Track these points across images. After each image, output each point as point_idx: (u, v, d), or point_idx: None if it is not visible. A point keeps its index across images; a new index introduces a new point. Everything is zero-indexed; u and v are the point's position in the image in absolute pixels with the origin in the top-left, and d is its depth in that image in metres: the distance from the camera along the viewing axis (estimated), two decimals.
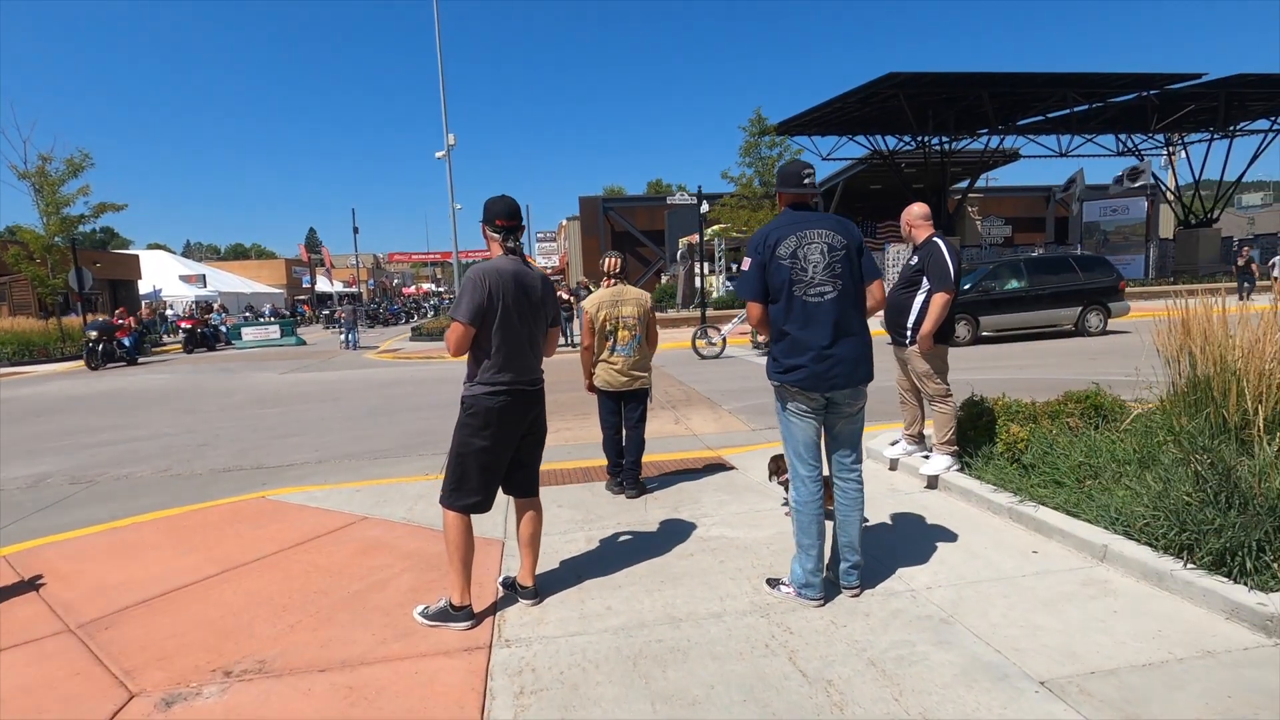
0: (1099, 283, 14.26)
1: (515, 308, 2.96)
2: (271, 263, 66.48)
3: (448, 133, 24.31)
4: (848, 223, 2.96)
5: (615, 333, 4.71)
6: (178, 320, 23.22)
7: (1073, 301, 14.06)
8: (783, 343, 2.89)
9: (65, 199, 21.77)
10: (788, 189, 2.99)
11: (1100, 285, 14.23)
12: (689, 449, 6.49)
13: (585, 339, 4.82)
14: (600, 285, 5.09)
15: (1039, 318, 13.94)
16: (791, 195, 2.99)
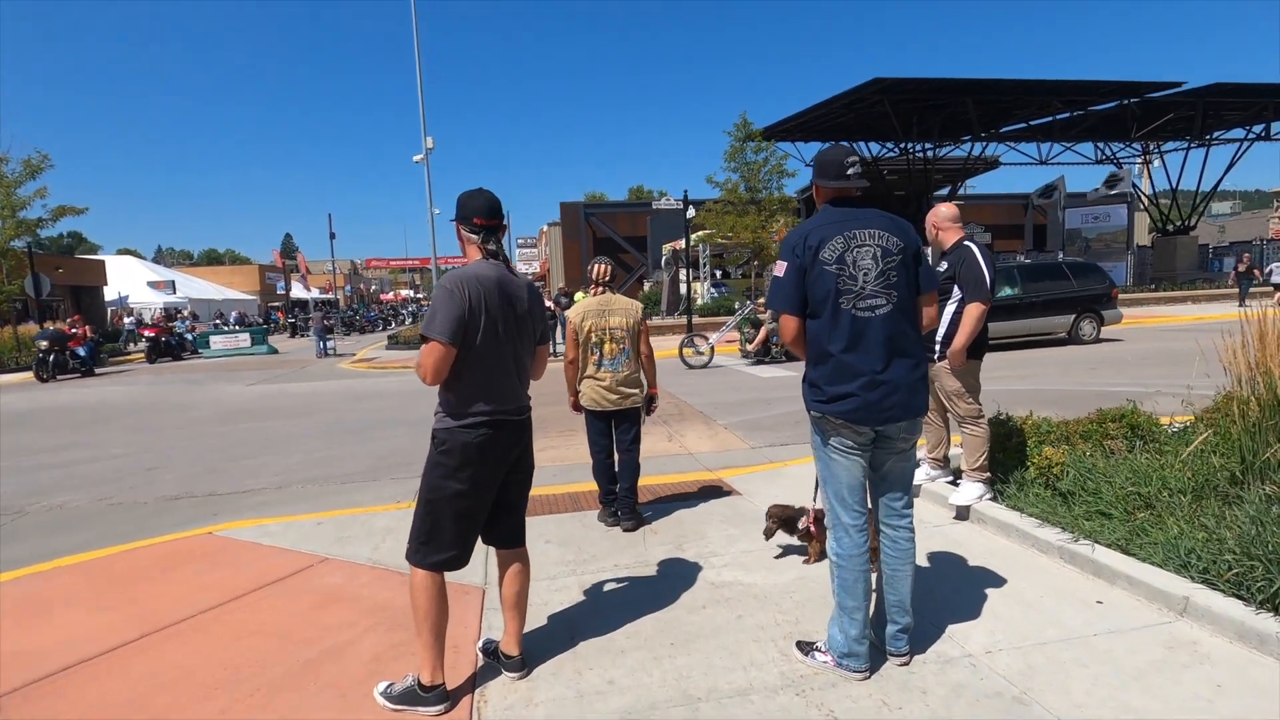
0: (1092, 290, 14.04)
1: (499, 322, 2.45)
2: (245, 268, 65.07)
3: (426, 136, 23.69)
4: (903, 222, 2.49)
5: (601, 345, 4.26)
6: (140, 329, 22.22)
7: (1066, 309, 13.81)
8: (825, 366, 2.40)
9: (21, 202, 20.80)
10: (828, 182, 2.50)
11: (1093, 292, 14.01)
12: (686, 470, 5.99)
13: (569, 351, 4.34)
14: (586, 293, 4.59)
15: (1033, 325, 13.67)
16: (832, 190, 2.50)
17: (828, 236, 2.36)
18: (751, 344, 13.47)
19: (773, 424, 7.65)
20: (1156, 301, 24.59)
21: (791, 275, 2.39)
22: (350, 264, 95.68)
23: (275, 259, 61.79)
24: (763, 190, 22.71)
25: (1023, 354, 12.84)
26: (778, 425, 7.56)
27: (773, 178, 22.75)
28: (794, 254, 2.39)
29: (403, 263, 74.00)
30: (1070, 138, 29.52)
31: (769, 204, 22.65)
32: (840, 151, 2.49)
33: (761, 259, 23.95)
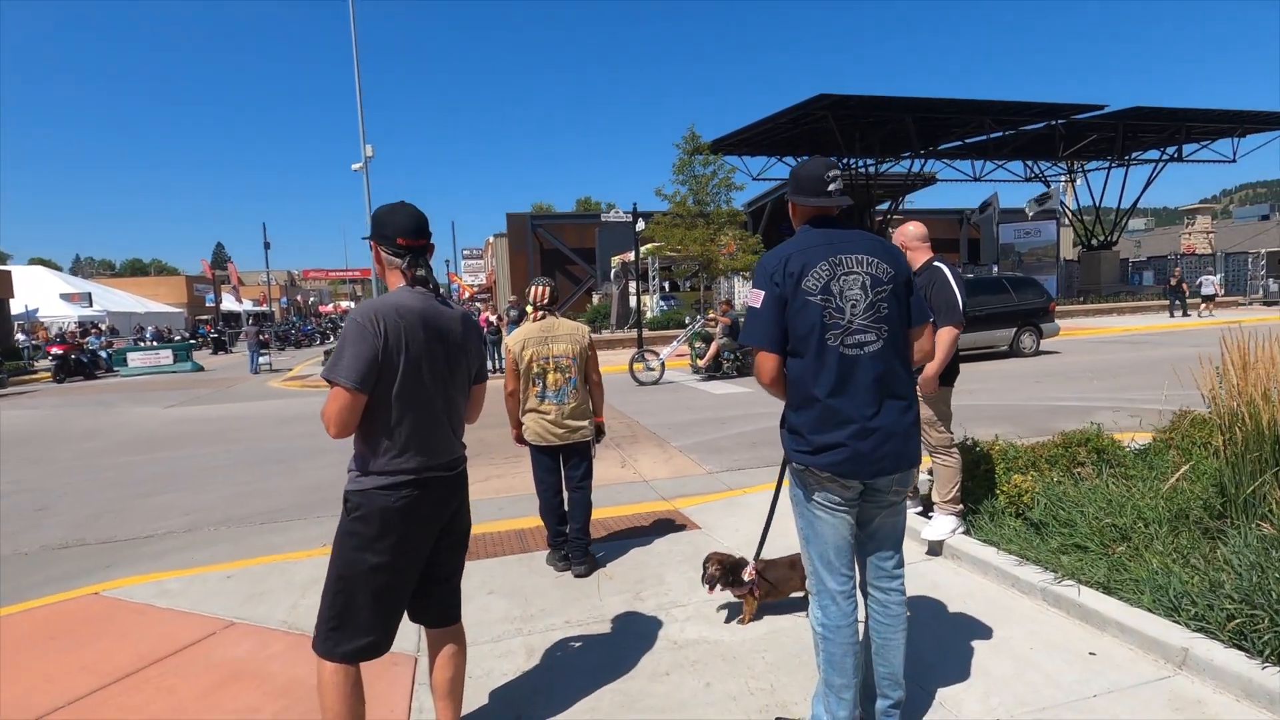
0: (1031, 303, 14.39)
1: (425, 362, 2.07)
2: (171, 280, 61.84)
3: (365, 143, 22.83)
4: (892, 246, 2.22)
5: (545, 376, 3.90)
6: (48, 346, 20.51)
7: (1007, 322, 14.11)
8: (810, 412, 2.09)
9: None
10: (806, 199, 2.21)
11: (1032, 306, 14.37)
12: (640, 500, 5.64)
13: (509, 382, 3.96)
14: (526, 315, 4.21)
15: (976, 339, 13.91)
16: (812, 209, 2.22)
17: (811, 262, 2.07)
18: (703, 359, 13.24)
19: (729, 445, 7.38)
20: (1085, 314, 25.65)
21: (770, 307, 2.08)
22: (287, 275, 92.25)
23: (204, 269, 58.79)
24: (711, 203, 22.69)
25: (967, 368, 13.01)
26: (734, 447, 7.30)
27: (720, 191, 22.77)
28: (772, 282, 2.09)
29: (343, 274, 71.64)
30: (1002, 156, 30.70)
31: (717, 217, 22.65)
32: (819, 165, 2.20)
33: (710, 272, 23.91)
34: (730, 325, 13.34)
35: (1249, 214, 63.76)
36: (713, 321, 13.86)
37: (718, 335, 13.27)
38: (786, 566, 3.32)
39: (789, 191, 2.26)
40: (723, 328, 13.32)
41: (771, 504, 2.93)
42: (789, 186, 2.27)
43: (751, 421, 8.62)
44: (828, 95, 22.44)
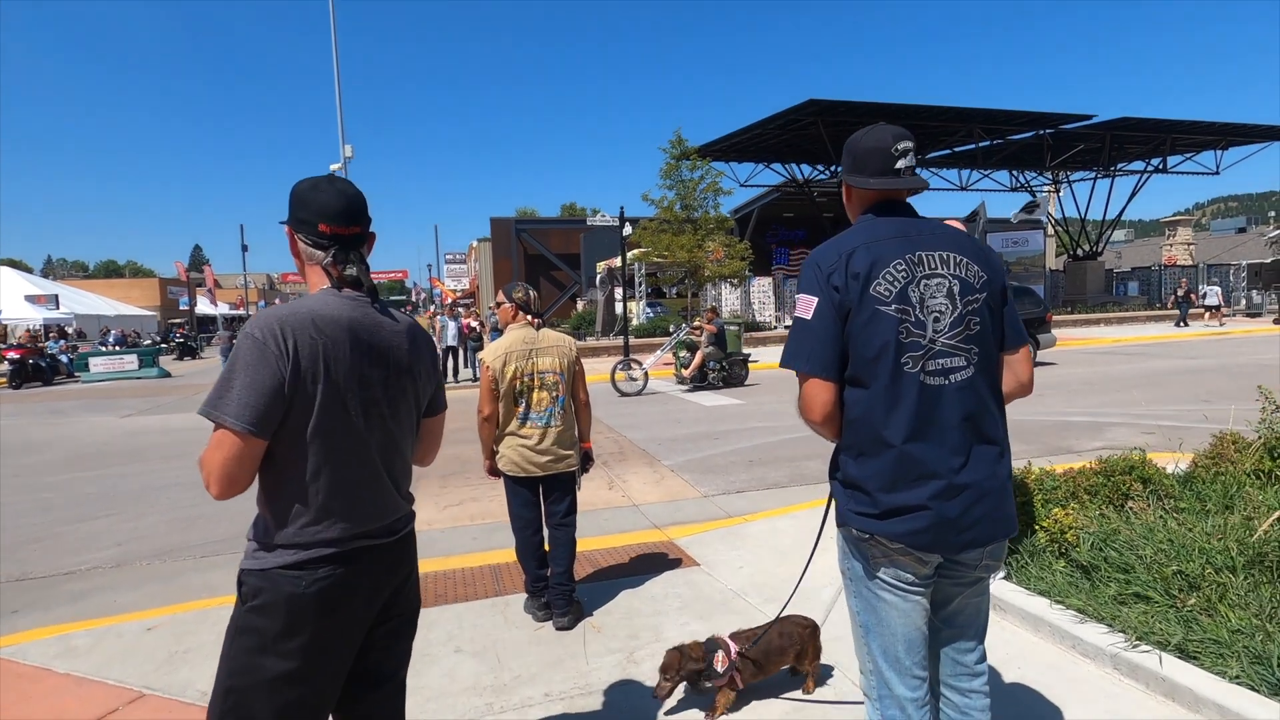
0: (1029, 314, 14.03)
1: (355, 392, 1.52)
2: (144, 282, 60.35)
3: (344, 143, 22.16)
4: (984, 245, 1.71)
5: (528, 394, 3.40)
6: (3, 350, 19.52)
7: None
8: (877, 461, 1.56)
9: None
10: (868, 180, 1.67)
11: (1030, 316, 14.00)
12: (630, 528, 5.10)
13: (484, 404, 3.42)
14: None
15: None
16: (875, 194, 1.70)
17: (883, 260, 1.55)
18: (687, 369, 12.68)
19: (724, 464, 6.86)
20: (1073, 324, 25.52)
21: (825, 318, 1.55)
22: (267, 278, 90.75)
23: (179, 271, 57.36)
24: (698, 209, 22.26)
25: None
26: (730, 466, 6.78)
27: (708, 196, 22.34)
28: (829, 285, 1.55)
29: None
30: (989, 166, 30.64)
31: (705, 223, 22.22)
32: (885, 135, 1.67)
33: (696, 279, 23.47)
34: (716, 334, 12.81)
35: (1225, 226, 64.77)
36: (698, 330, 13.33)
37: (703, 344, 12.73)
38: (776, 636, 2.69)
39: (844, 170, 1.74)
40: (708, 336, 12.76)
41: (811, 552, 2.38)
42: (845, 163, 1.74)
43: (747, 437, 8.10)
44: (817, 101, 22.13)
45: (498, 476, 3.54)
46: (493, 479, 3.61)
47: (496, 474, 3.54)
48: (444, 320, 16.36)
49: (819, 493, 5.76)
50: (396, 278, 79.42)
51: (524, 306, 3.52)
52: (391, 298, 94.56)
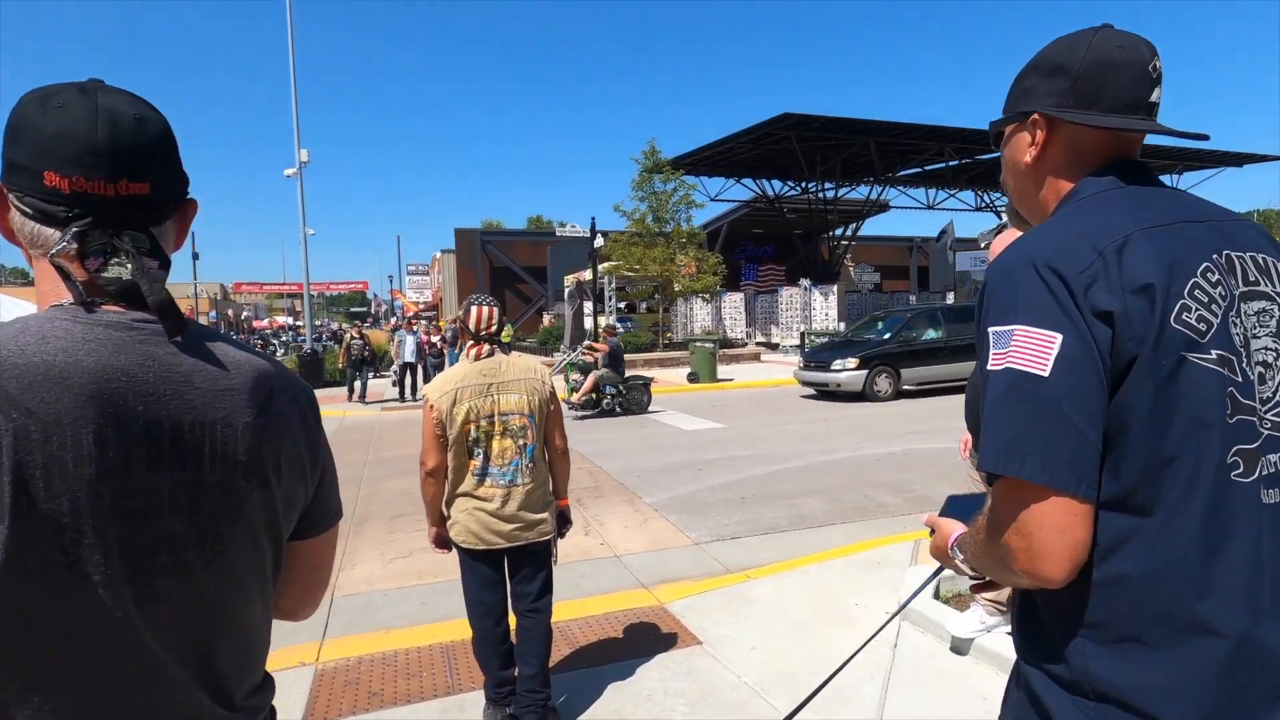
0: None
1: (104, 522, 0.71)
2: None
3: (300, 147, 21.05)
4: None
5: (487, 443, 2.59)
6: None
7: None
8: (1186, 658, 0.79)
9: None
10: (1106, 115, 0.92)
11: None
12: (612, 587, 4.30)
13: (428, 455, 2.61)
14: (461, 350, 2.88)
15: (958, 370, 13.06)
16: (1113, 142, 0.96)
17: (1184, 261, 0.82)
18: (577, 394, 11.28)
19: (713, 502, 6.11)
20: None
21: (1081, 374, 0.79)
22: (220, 288, 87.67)
23: None
24: (671, 222, 21.69)
25: (951, 400, 12.10)
26: (719, 505, 6.03)
27: (681, 209, 21.81)
28: (1084, 305, 0.80)
29: (279, 287, 68.21)
30: (957, 185, 30.84)
31: (677, 236, 21.65)
32: (1136, 46, 0.93)
33: (667, 293, 22.85)
34: (610, 353, 11.65)
35: None
36: (590, 350, 12.29)
37: (598, 365, 11.60)
38: None
39: (1048, 96, 0.96)
40: (602, 357, 11.61)
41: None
42: (1050, 86, 0.96)
43: (734, 467, 7.37)
44: (791, 114, 21.80)
45: (447, 549, 2.76)
46: (441, 551, 2.79)
47: (446, 545, 2.75)
48: (401, 335, 15.28)
49: (824, 539, 5.05)
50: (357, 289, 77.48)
51: (476, 335, 2.65)
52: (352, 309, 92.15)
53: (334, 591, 4.35)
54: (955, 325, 13.26)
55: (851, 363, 12.30)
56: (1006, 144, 1.03)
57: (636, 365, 19.90)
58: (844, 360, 12.41)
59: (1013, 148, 1.01)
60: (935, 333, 13.12)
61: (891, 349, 12.66)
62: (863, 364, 12.29)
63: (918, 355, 12.83)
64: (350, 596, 4.28)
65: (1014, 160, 1.02)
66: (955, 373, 13.01)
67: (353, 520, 5.84)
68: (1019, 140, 1.00)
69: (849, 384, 12.22)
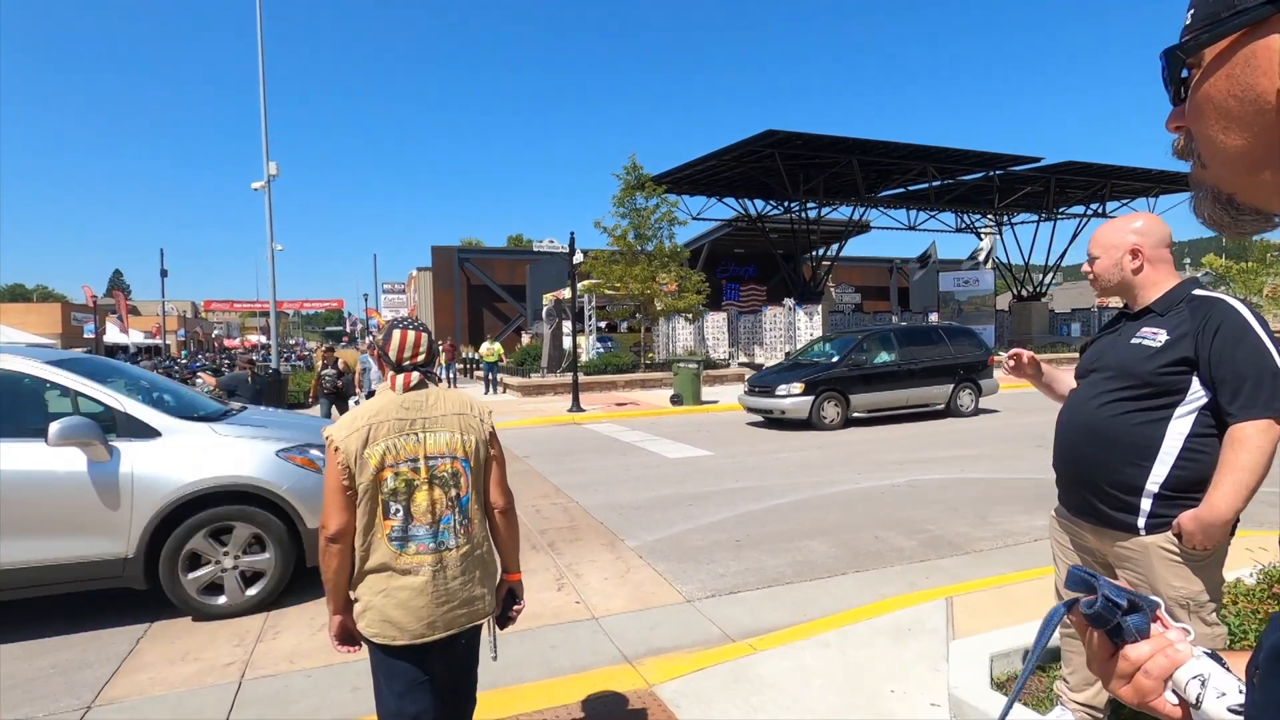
0: (969, 357, 12.85)
1: None
2: (44, 307, 55.35)
3: (268, 160, 20.21)
4: None
5: (409, 495, 1.97)
6: None
7: (944, 378, 12.50)
8: None
9: None
10: None
11: (970, 360, 12.82)
12: (588, 661, 3.53)
13: (330, 518, 1.94)
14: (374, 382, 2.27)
15: (912, 396, 12.27)
16: None
17: None
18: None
19: (704, 546, 5.36)
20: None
21: None
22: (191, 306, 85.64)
23: (86, 296, 52.73)
24: (653, 239, 21.10)
25: (906, 429, 11.34)
26: (712, 549, 5.28)
27: (663, 226, 21.23)
28: None
29: (250, 305, 66.59)
30: (939, 206, 30.75)
31: (659, 254, 21.05)
32: None
33: (649, 313, 22.19)
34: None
35: None
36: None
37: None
38: None
39: None
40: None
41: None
42: None
43: (726, 502, 6.63)
44: (775, 132, 21.46)
45: (353, 646, 2.03)
46: (346, 649, 2.04)
47: (353, 641, 2.03)
48: (365, 360, 13.20)
49: (837, 594, 4.32)
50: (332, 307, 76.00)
51: (398, 366, 2.06)
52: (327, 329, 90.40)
53: (245, 671, 3.52)
54: (909, 348, 12.45)
55: (796, 388, 11.42)
56: (1215, 76, 0.55)
57: (617, 386, 19.17)
58: (788, 385, 11.53)
59: (1245, 72, 0.53)
60: (888, 355, 12.29)
61: (840, 373, 11.71)
62: (808, 389, 11.40)
63: (868, 380, 11.95)
64: (265, 679, 3.45)
65: (1251, 92, 0.53)
66: (909, 399, 12.29)
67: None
68: (1261, 54, 0.51)
69: (793, 411, 11.35)
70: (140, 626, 4.10)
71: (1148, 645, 0.67)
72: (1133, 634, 0.67)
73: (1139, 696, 0.68)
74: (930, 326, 14.79)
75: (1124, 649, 0.68)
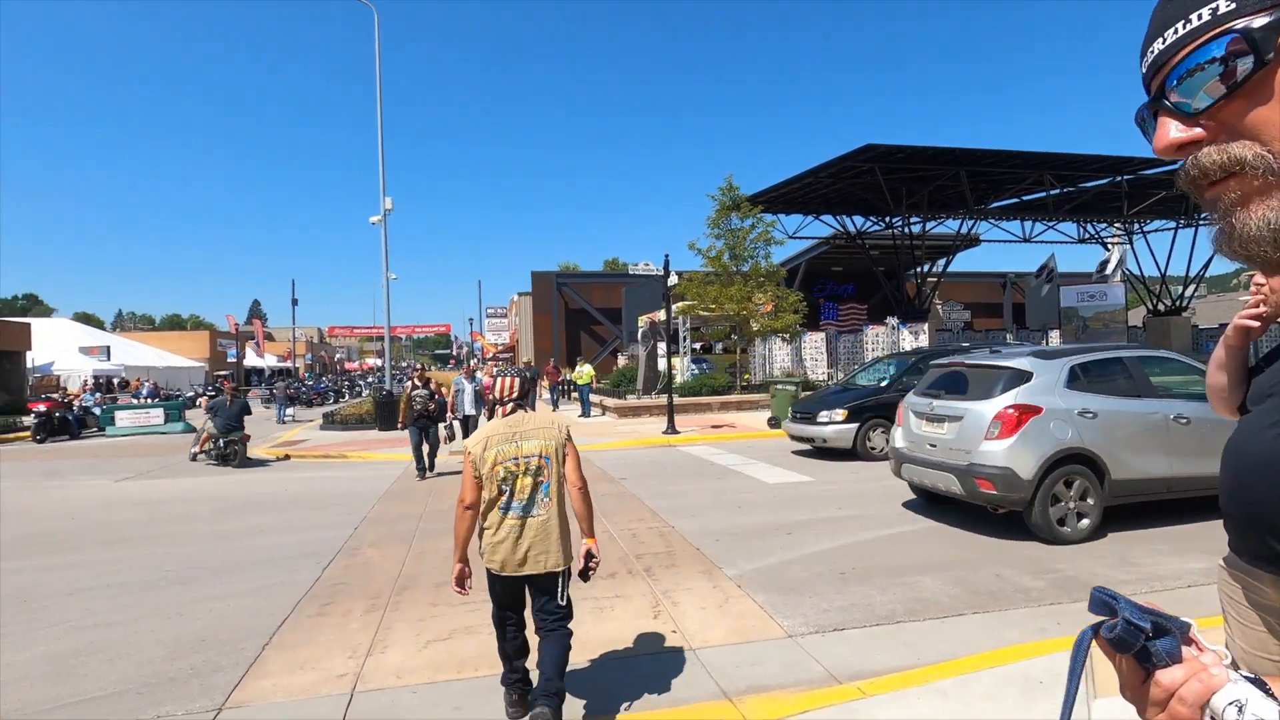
0: None
1: None
2: (196, 334, 61.77)
3: (385, 195, 21.71)
4: None
5: (511, 482, 3.10)
6: (30, 403, 19.07)
7: None
8: None
9: None
10: None
11: None
12: (686, 695, 3.42)
13: (466, 493, 3.12)
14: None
15: None
16: None
17: None
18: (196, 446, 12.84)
19: (806, 578, 5.12)
20: None
21: None
22: (317, 331, 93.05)
23: (229, 324, 58.44)
24: (748, 259, 20.87)
25: None
26: (814, 581, 5.04)
27: (759, 246, 20.97)
28: None
29: (367, 330, 71.50)
30: (1058, 216, 28.66)
31: (755, 274, 20.78)
32: None
33: (744, 333, 21.89)
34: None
35: None
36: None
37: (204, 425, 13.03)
38: None
39: None
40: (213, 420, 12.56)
41: None
42: None
43: (827, 532, 6.34)
44: (875, 146, 20.76)
45: (462, 588, 3.12)
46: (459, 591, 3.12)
47: (461, 587, 3.12)
48: (459, 382, 12.66)
49: (955, 637, 3.99)
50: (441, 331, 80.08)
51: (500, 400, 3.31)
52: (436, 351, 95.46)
53: (356, 683, 3.67)
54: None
55: (839, 415, 10.50)
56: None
57: (712, 408, 18.96)
58: (830, 411, 10.62)
59: None
60: None
61: (889, 398, 10.47)
62: (852, 416, 10.48)
63: None
64: (373, 693, 3.57)
65: None
66: None
67: (393, 589, 5.20)
68: None
69: (836, 439, 10.46)
70: (266, 635, 4.38)
71: (1181, 670, 0.63)
72: (1163, 658, 0.63)
73: None
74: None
75: (1155, 675, 0.64)
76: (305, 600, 4.99)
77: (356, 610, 4.76)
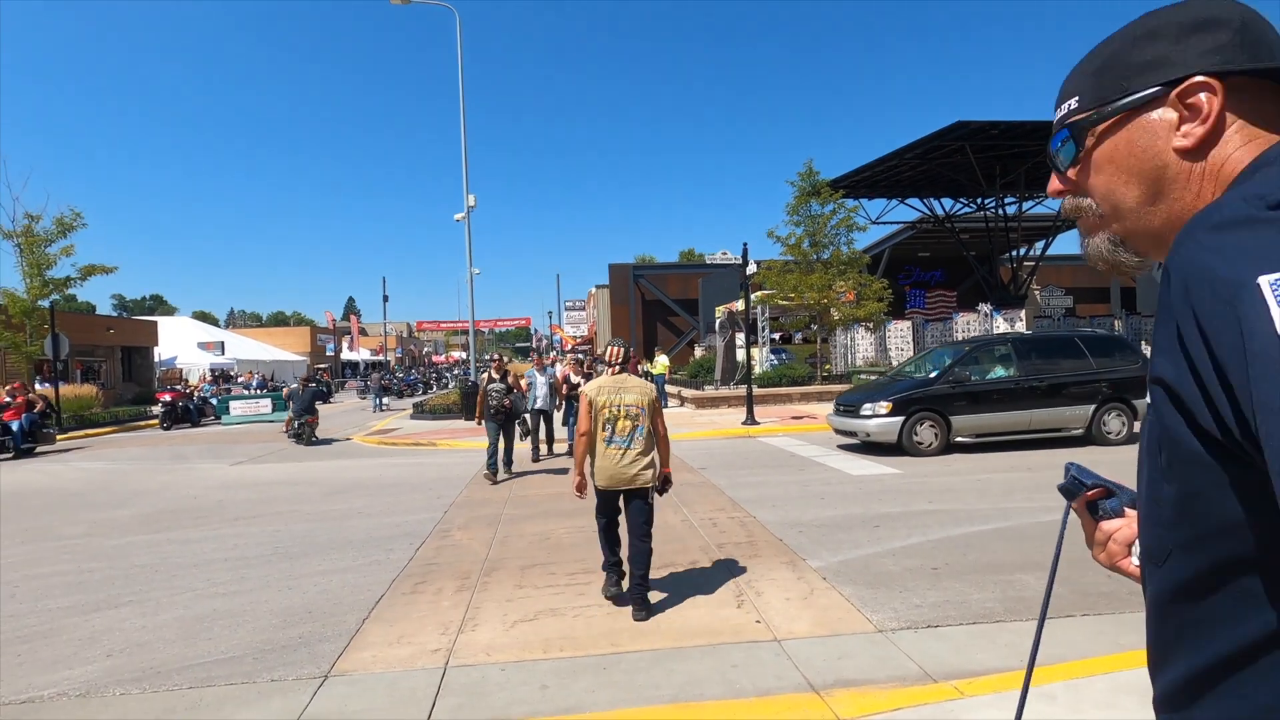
0: (1119, 372, 10.34)
1: None
2: (298, 330, 65.85)
3: (468, 193, 22.42)
4: None
5: (615, 422, 4.33)
6: (157, 393, 20.96)
7: (1082, 397, 10.21)
8: None
9: (48, 260, 20.10)
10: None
11: (1120, 375, 10.31)
12: (771, 685, 3.37)
13: (583, 422, 4.37)
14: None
15: (1036, 419, 10.16)
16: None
17: None
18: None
19: (896, 572, 4.94)
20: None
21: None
22: (406, 326, 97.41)
23: (327, 320, 62.13)
24: (829, 246, 20.29)
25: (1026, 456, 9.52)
26: (904, 576, 4.85)
27: (840, 232, 20.35)
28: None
29: (453, 325, 74.30)
30: None
31: (836, 261, 20.18)
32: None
33: (825, 323, 21.34)
34: None
35: None
36: None
37: None
38: None
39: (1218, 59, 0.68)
40: None
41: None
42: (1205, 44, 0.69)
43: (917, 525, 6.09)
44: (966, 123, 19.72)
45: (581, 494, 4.48)
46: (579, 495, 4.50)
47: (581, 491, 4.48)
48: (531, 374, 11.32)
49: (1062, 639, 3.75)
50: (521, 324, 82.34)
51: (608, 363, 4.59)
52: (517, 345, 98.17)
53: (449, 658, 3.82)
54: (1033, 361, 10.34)
55: (883, 408, 9.96)
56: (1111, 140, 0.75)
57: (792, 399, 18.60)
58: (874, 404, 10.07)
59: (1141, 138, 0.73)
60: (1004, 370, 10.35)
61: (939, 390, 10.01)
62: (897, 409, 9.91)
63: (975, 399, 10.09)
64: (465, 669, 3.71)
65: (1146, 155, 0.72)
66: (1030, 421, 10.17)
67: (481, 570, 5.38)
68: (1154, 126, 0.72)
69: (879, 434, 9.93)
70: (365, 609, 4.62)
71: (1119, 521, 0.84)
72: (1108, 512, 0.86)
73: (1109, 559, 0.85)
74: (1065, 335, 11.93)
75: (1100, 524, 0.86)
76: (400, 579, 5.24)
77: (448, 589, 4.95)
